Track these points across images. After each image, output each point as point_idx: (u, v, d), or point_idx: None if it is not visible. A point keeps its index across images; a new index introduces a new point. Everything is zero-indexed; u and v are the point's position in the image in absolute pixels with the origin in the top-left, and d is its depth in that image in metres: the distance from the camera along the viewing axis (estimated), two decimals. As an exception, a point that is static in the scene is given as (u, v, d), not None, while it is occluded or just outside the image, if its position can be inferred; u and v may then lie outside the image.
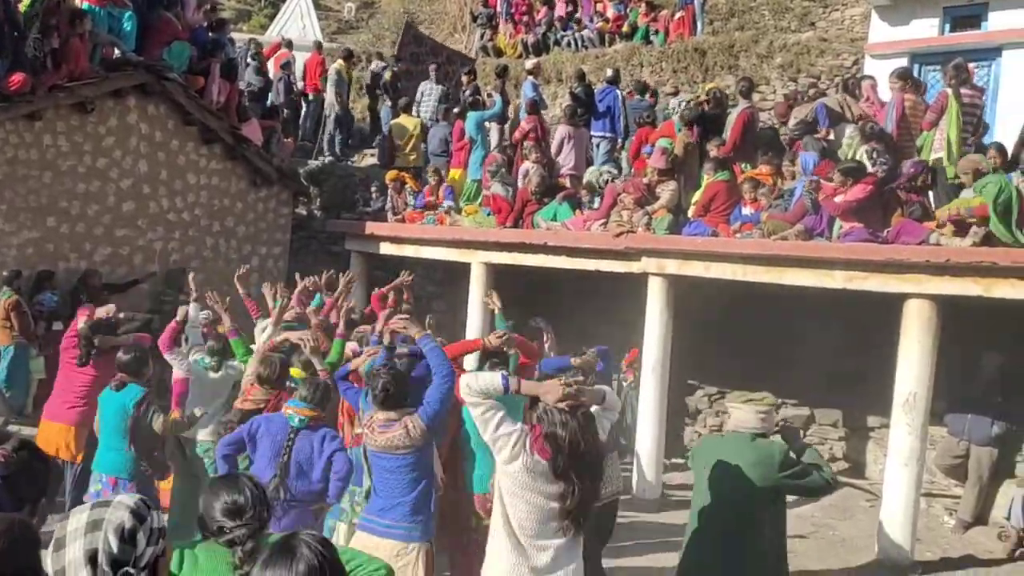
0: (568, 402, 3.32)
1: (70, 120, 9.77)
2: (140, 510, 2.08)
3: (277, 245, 11.85)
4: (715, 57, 12.84)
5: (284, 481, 4.27)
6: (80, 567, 1.96)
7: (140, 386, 5.45)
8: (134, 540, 2.02)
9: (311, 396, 4.49)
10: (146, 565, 2.03)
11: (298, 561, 1.99)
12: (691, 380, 10.07)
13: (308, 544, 2.04)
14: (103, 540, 1.99)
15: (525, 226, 9.62)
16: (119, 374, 5.49)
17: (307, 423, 4.41)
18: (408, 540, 4.20)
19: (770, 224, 7.78)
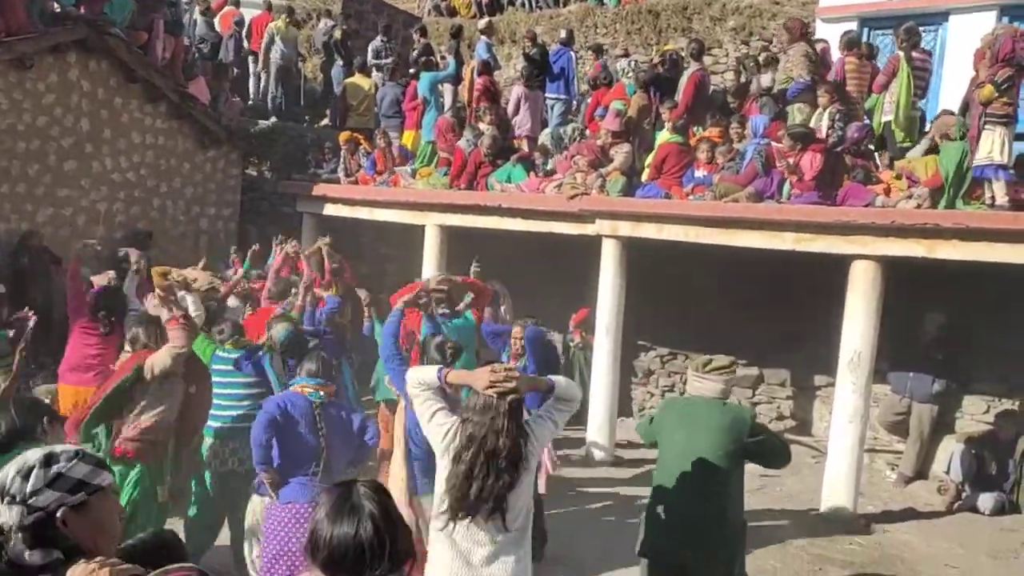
0: (495, 389, 3.22)
1: (8, 76, 9.42)
2: (54, 455, 2.00)
3: (227, 207, 11.64)
4: (668, 19, 12.82)
5: (330, 455, 4.44)
6: None
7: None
8: (28, 476, 1.95)
9: (320, 370, 4.59)
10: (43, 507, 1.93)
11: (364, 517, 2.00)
12: (642, 341, 10.19)
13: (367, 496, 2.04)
14: (3, 471, 1.96)
15: (479, 188, 9.57)
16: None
17: (326, 398, 4.55)
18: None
19: (721, 186, 7.86)
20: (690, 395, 4.34)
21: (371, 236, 11.51)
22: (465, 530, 3.28)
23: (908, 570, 6.29)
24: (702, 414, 4.16)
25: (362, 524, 1.98)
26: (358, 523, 1.99)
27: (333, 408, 4.58)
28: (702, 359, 4.34)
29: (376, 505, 2.03)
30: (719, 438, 4.07)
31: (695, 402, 4.28)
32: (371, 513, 2.00)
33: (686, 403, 4.44)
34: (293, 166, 12.30)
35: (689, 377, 4.37)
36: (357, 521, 1.99)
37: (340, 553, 1.97)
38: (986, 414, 8.15)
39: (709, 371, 4.22)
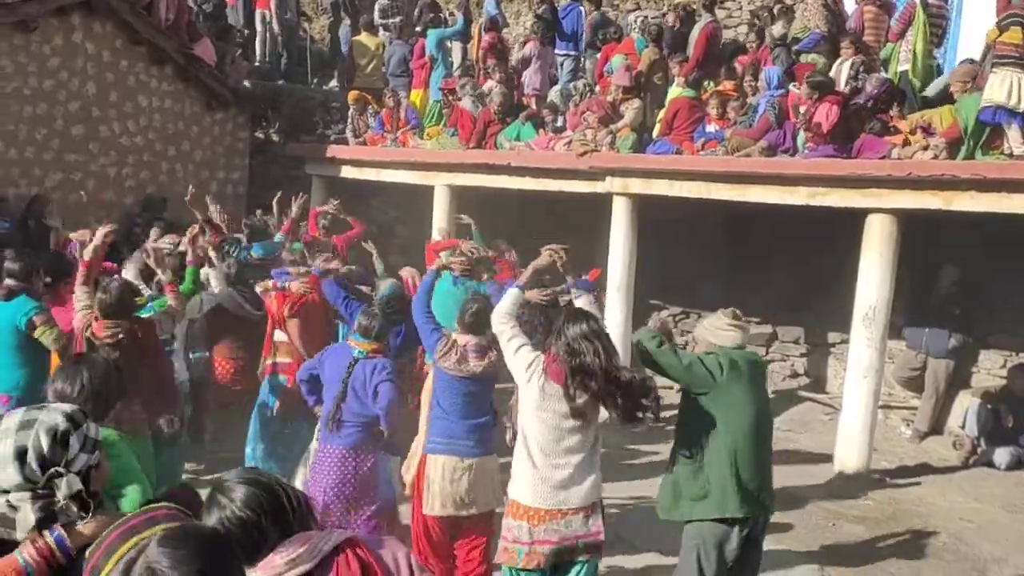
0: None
1: (12, 39, 9.33)
2: (75, 416, 2.04)
3: (236, 170, 11.57)
4: (681, -28, 12.54)
5: (340, 405, 4.64)
6: (8, 462, 1.92)
7: (32, 297, 4.97)
8: (66, 443, 1.97)
9: (369, 330, 4.80)
10: (79, 471, 1.97)
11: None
12: (654, 300, 10.13)
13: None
14: (33, 438, 1.94)
15: (488, 147, 9.46)
16: (6, 281, 5.02)
17: (366, 355, 4.73)
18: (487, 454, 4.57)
19: (734, 141, 7.73)
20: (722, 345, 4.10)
21: (381, 198, 11.45)
22: (549, 457, 3.61)
23: (923, 525, 6.26)
24: (748, 363, 4.05)
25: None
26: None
27: (364, 365, 4.72)
28: (728, 310, 4.21)
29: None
30: (764, 387, 4.07)
31: (735, 353, 4.06)
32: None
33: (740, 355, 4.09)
34: (301, 128, 12.21)
35: (717, 327, 4.15)
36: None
37: None
38: (1002, 369, 8.06)
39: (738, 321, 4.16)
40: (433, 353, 4.51)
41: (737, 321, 4.16)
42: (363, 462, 4.67)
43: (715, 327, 4.17)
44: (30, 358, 4.92)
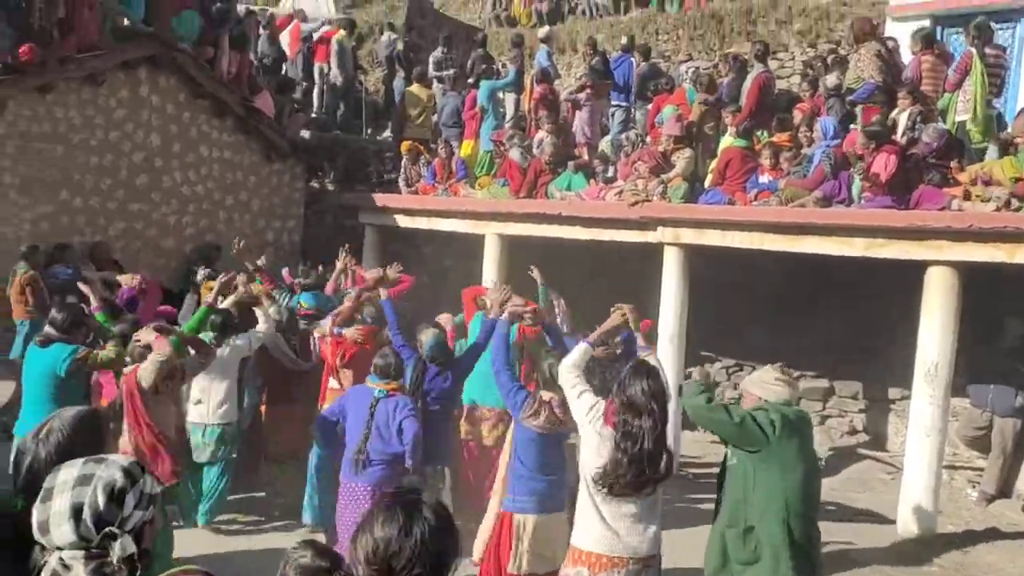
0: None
1: (81, 93, 9.74)
2: (133, 471, 2.02)
3: (291, 219, 11.80)
4: (732, 23, 12.57)
5: (366, 444, 4.81)
6: (64, 520, 1.90)
7: (70, 343, 5.03)
8: (122, 501, 1.95)
9: (388, 370, 5.00)
10: (132, 529, 1.95)
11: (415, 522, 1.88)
12: (706, 352, 9.96)
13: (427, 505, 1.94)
14: (91, 495, 1.93)
15: (539, 197, 9.49)
16: (47, 328, 5.15)
17: (386, 394, 4.93)
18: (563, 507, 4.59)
19: (788, 191, 7.62)
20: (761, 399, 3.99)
21: (432, 246, 11.54)
22: (612, 503, 3.68)
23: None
24: (801, 423, 3.96)
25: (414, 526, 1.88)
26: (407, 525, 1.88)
27: (387, 404, 4.89)
28: (776, 365, 4.16)
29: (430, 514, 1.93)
30: (812, 445, 3.97)
31: (795, 411, 4.00)
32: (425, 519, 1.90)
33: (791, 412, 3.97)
34: (356, 178, 12.43)
35: (766, 382, 4.04)
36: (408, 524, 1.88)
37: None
38: (1075, 429, 7.69)
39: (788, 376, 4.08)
40: (519, 412, 4.52)
41: (786, 376, 4.06)
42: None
43: (764, 381, 4.07)
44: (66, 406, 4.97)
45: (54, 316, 5.13)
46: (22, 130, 9.31)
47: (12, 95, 9.15)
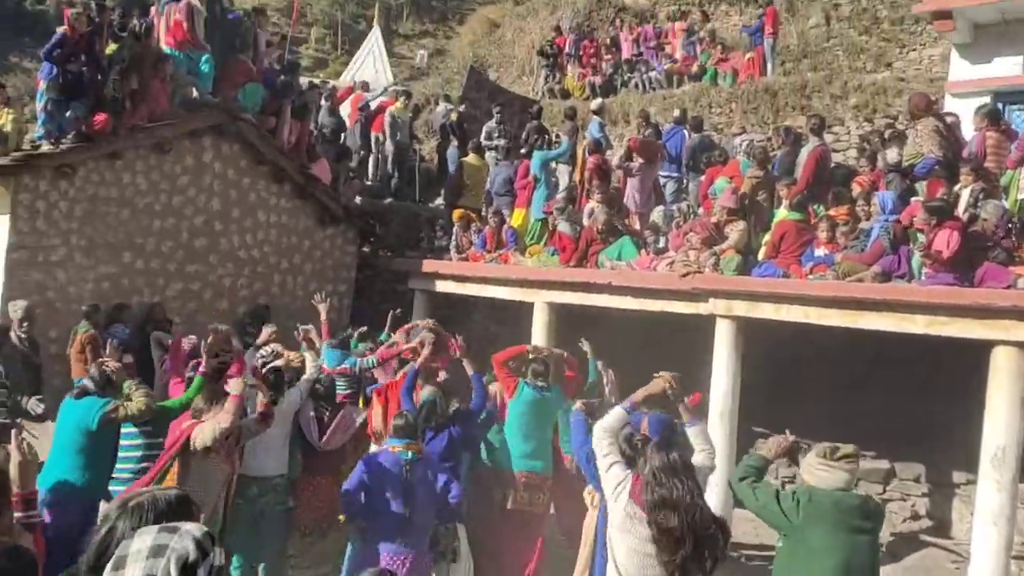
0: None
1: (149, 159, 10.09)
2: (205, 543, 1.98)
3: (343, 283, 11.94)
4: (786, 98, 12.60)
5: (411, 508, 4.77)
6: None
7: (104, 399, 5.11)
8: (194, 574, 1.93)
9: (406, 427, 4.96)
10: None
11: None
12: (759, 428, 9.69)
13: None
14: (163, 568, 1.90)
15: (589, 266, 9.48)
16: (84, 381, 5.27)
17: (415, 456, 4.90)
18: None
19: (845, 265, 7.48)
20: (817, 486, 3.88)
21: (482, 313, 11.56)
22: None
23: None
24: (836, 505, 3.76)
25: None
26: None
27: (421, 467, 4.84)
28: (826, 446, 3.95)
29: None
30: (868, 536, 3.76)
31: (834, 496, 3.81)
32: None
33: (827, 496, 3.84)
34: (407, 244, 12.58)
35: (812, 465, 3.92)
36: None
37: None
38: None
39: (838, 459, 3.85)
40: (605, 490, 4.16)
41: (829, 460, 3.86)
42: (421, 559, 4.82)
43: (810, 465, 3.93)
44: (93, 460, 5.02)
45: (93, 373, 5.29)
46: (91, 194, 9.65)
47: (83, 161, 9.51)
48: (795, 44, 15.52)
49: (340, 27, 31.83)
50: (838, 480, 3.84)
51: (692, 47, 15.38)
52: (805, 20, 15.86)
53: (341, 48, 32.22)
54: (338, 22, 32.75)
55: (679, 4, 18.14)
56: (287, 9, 50.73)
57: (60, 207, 9.46)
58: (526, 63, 19.29)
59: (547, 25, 19.48)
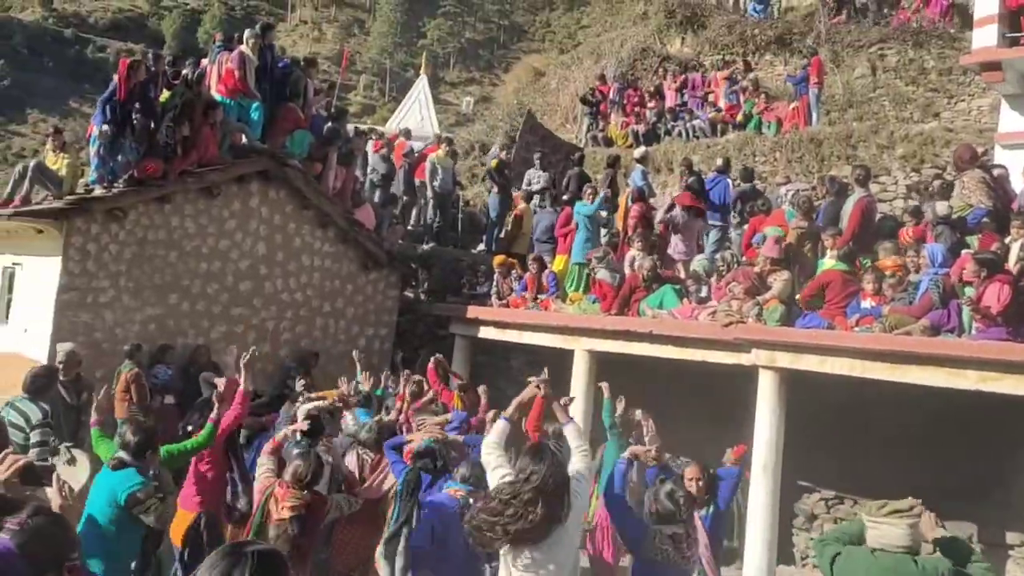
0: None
1: (197, 204, 10.32)
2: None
3: (384, 327, 12.01)
4: (831, 147, 12.48)
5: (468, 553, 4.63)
6: None
7: (140, 474, 4.72)
8: None
9: (472, 476, 4.91)
10: None
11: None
12: (804, 482, 9.44)
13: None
14: None
15: (631, 314, 9.41)
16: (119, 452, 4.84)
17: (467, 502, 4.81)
18: None
19: (893, 318, 7.32)
20: (871, 546, 3.68)
21: (521, 359, 11.50)
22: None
23: None
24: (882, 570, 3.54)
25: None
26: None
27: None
28: (875, 503, 3.76)
29: None
30: None
31: (883, 559, 3.60)
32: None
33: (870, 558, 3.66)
34: (448, 289, 12.63)
35: (868, 521, 3.73)
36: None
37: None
38: None
39: (887, 514, 3.66)
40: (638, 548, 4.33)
41: (875, 515, 3.67)
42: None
43: (869, 522, 3.73)
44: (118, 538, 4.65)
45: (128, 439, 4.82)
46: (140, 237, 9.88)
47: (134, 205, 9.76)
48: (840, 94, 15.43)
49: (388, 75, 32.50)
50: (895, 537, 3.63)
51: (736, 96, 15.37)
52: (850, 71, 15.77)
53: (389, 95, 32.96)
54: (386, 70, 33.45)
55: (723, 54, 18.19)
56: (337, 57, 52.18)
57: (110, 249, 9.70)
58: (569, 111, 19.46)
59: (591, 74, 19.65)
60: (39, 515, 2.59)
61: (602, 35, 25.54)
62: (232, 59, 10.43)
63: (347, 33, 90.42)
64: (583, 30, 34.52)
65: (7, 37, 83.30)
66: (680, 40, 20.16)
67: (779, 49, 17.84)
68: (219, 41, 11.26)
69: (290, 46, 69.68)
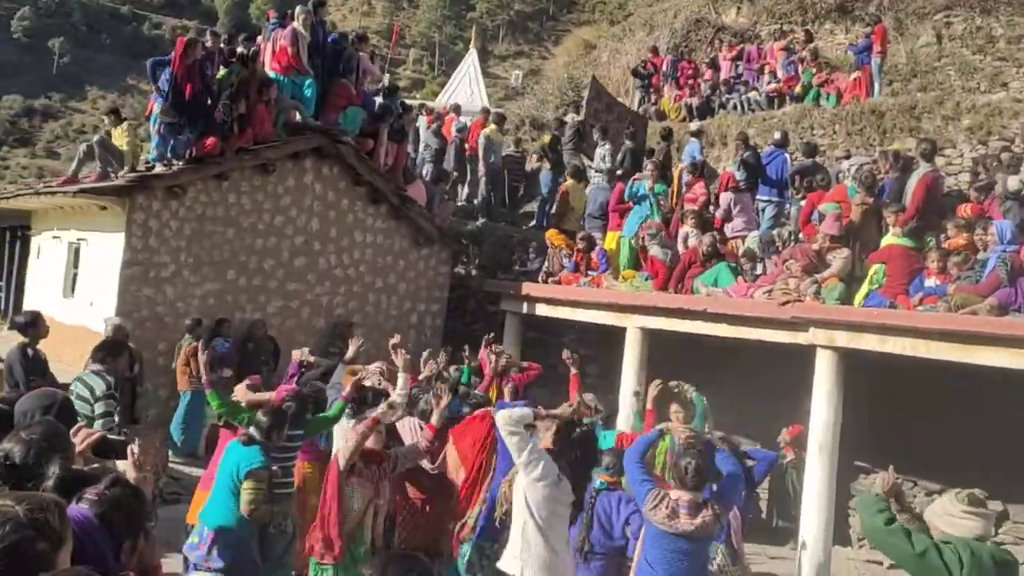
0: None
1: (253, 180, 10.46)
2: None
3: (435, 303, 12.07)
4: (894, 119, 12.09)
5: (588, 535, 4.98)
6: None
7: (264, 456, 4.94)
8: None
9: (613, 464, 5.16)
10: None
11: None
12: (861, 463, 9.30)
13: None
14: None
15: (684, 291, 9.30)
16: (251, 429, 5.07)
17: (607, 486, 5.14)
18: None
19: (958, 297, 7.11)
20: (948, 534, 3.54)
21: (572, 336, 11.47)
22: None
23: None
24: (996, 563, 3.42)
25: None
26: None
27: (608, 498, 5.08)
28: (964, 493, 3.62)
29: None
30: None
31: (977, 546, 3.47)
32: None
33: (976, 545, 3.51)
34: (499, 265, 12.63)
35: (949, 511, 3.57)
36: None
37: None
38: None
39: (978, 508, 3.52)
40: (643, 504, 4.43)
41: (976, 508, 3.52)
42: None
43: (948, 513, 3.56)
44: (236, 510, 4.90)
45: (260, 419, 5.06)
46: (199, 214, 10.06)
47: (193, 182, 9.94)
48: (903, 64, 14.94)
49: (437, 48, 32.43)
50: (976, 529, 3.52)
51: (793, 67, 14.97)
52: (915, 39, 15.26)
53: (438, 69, 32.87)
54: (435, 43, 33.38)
55: (780, 23, 17.73)
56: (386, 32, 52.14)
57: (171, 226, 9.90)
58: (621, 84, 19.17)
59: (643, 46, 19.30)
60: (116, 485, 2.69)
61: (654, 5, 25.07)
62: (285, 36, 10.49)
63: (396, 7, 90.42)
64: (634, 0, 33.99)
65: (66, 15, 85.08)
66: (736, 10, 19.71)
67: (840, 17, 17.35)
68: (273, 18, 11.35)
69: (340, 20, 69.87)
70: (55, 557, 2.05)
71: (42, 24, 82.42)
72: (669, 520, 4.27)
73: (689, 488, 4.34)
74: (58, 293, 11.56)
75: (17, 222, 14.14)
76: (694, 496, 4.31)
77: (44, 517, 2.07)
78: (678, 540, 4.29)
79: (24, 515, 2.03)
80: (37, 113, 77.10)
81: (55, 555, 2.06)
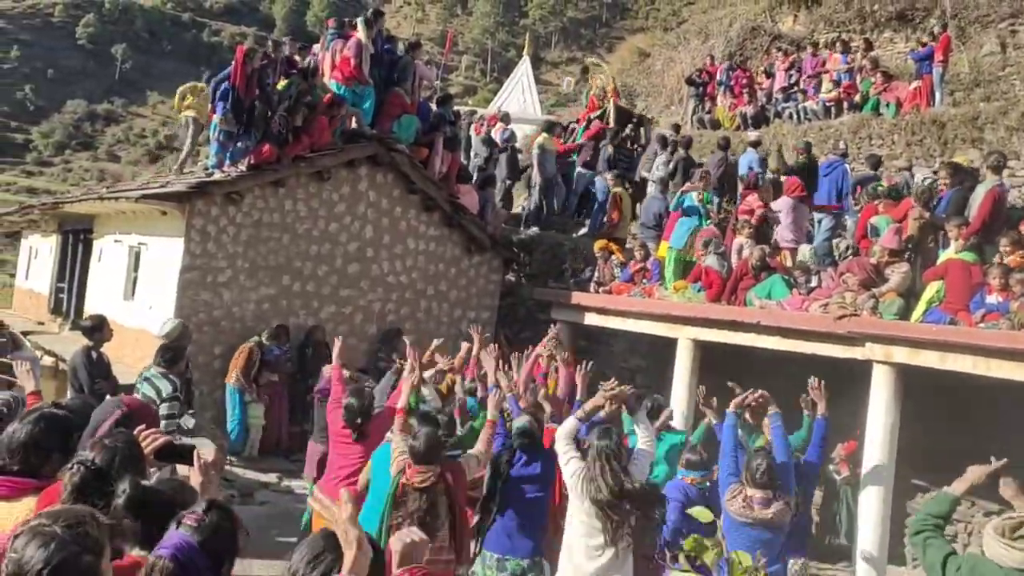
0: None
1: (309, 187, 10.64)
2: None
3: (486, 310, 12.12)
4: (956, 129, 11.82)
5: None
6: None
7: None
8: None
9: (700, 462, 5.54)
10: None
11: None
12: (918, 481, 9.08)
13: None
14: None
15: (737, 303, 9.20)
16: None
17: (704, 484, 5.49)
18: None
19: (1021, 314, 6.91)
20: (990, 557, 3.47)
21: (622, 346, 11.43)
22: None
23: None
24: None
25: None
26: None
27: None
28: (1009, 522, 3.57)
29: None
30: None
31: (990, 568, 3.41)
32: None
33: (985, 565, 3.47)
34: (550, 273, 12.63)
35: (989, 539, 3.54)
36: None
37: None
38: None
39: (1017, 538, 3.47)
40: (724, 495, 4.97)
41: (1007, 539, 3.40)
42: None
43: (989, 538, 3.48)
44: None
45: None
46: (255, 220, 10.27)
47: (250, 188, 10.14)
48: (966, 72, 14.60)
49: (490, 55, 32.58)
50: (1016, 559, 3.46)
51: (851, 75, 14.72)
52: (978, 48, 14.90)
53: (490, 75, 33.01)
54: (488, 50, 33.55)
55: (839, 31, 17.46)
56: (439, 38, 52.55)
57: (228, 231, 10.11)
58: (675, 92, 19.07)
59: (698, 55, 19.20)
60: (214, 509, 2.65)
61: (709, 13, 24.89)
62: (349, 47, 10.66)
63: (450, 13, 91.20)
64: (689, 7, 33.76)
65: (129, 22, 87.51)
66: (792, 18, 19.48)
67: (900, 25, 17.03)
68: (332, 27, 11.53)
69: (394, 27, 70.71)
70: (99, 565, 2.09)
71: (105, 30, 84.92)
72: (744, 510, 4.81)
73: (760, 486, 4.84)
74: (119, 296, 11.88)
75: (80, 225, 14.56)
76: (765, 493, 4.83)
77: (84, 530, 2.08)
78: (756, 529, 4.79)
79: (63, 532, 2.04)
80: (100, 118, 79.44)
81: (99, 564, 2.10)
